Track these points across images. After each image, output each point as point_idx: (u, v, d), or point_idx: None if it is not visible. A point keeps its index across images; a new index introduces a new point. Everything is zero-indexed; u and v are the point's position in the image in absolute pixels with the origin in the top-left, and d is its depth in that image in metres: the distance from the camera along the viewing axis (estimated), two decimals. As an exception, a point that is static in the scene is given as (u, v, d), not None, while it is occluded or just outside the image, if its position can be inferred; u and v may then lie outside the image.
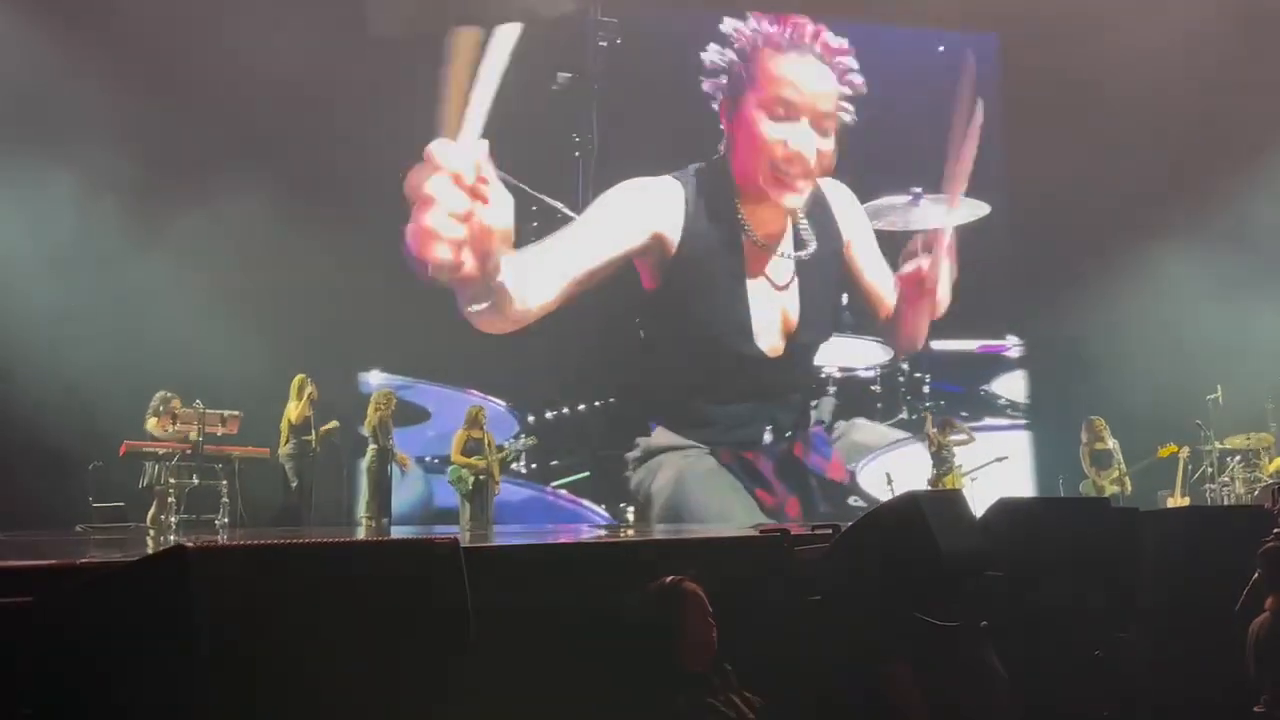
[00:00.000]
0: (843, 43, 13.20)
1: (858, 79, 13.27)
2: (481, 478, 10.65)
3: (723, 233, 12.83)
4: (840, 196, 13.36)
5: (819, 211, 13.25)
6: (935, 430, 11.93)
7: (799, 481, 12.96)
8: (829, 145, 13.05)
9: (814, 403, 13.24)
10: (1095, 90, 12.59)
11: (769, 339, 12.90)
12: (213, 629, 1.94)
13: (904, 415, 13.57)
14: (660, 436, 12.57)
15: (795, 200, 12.98)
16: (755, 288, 12.93)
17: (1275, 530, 5.11)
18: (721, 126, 13.04)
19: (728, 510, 12.37)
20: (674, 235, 12.62)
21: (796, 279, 13.08)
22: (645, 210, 12.65)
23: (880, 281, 13.44)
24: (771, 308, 12.94)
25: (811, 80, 13.12)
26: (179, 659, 1.93)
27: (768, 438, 12.87)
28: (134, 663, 2.01)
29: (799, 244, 13.12)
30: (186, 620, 1.92)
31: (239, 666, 1.97)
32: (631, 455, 12.52)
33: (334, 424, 10.39)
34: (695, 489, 12.53)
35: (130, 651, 2.02)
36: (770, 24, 13.18)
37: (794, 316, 13.04)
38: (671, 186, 12.72)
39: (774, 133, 12.92)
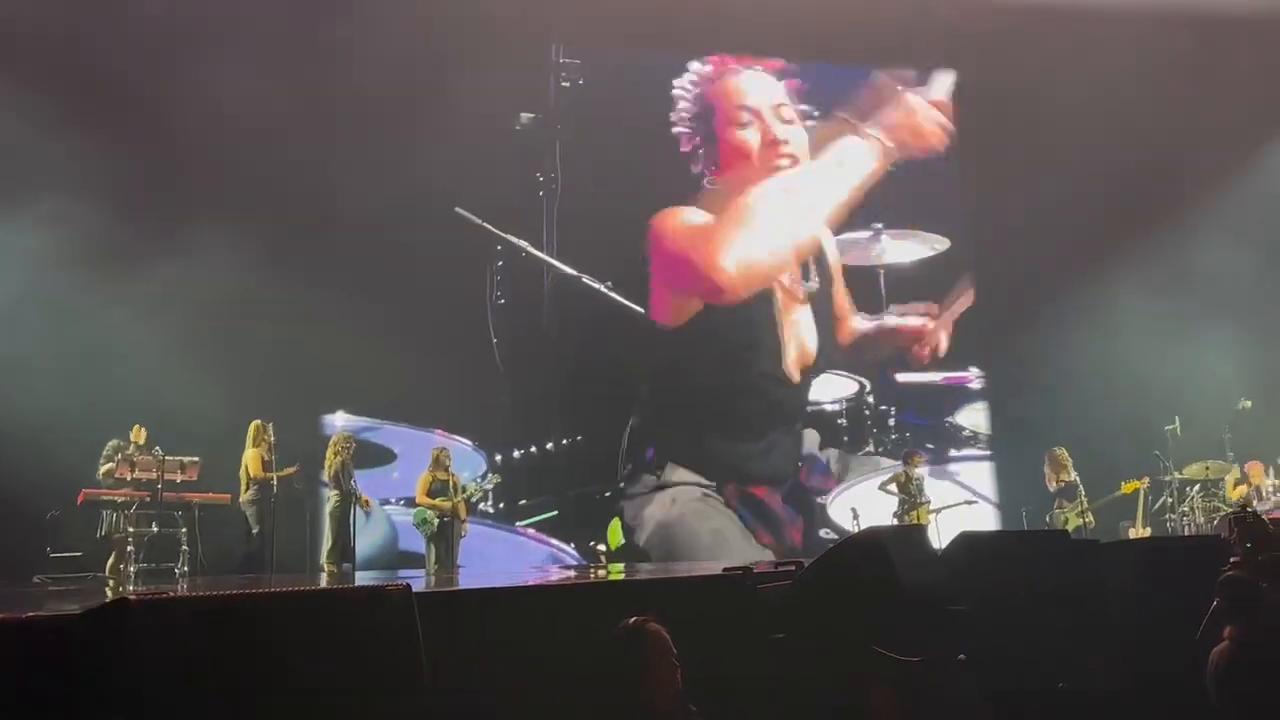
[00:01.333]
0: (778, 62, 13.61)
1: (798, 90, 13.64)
2: (447, 519, 10.56)
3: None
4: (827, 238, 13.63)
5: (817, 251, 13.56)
6: (904, 465, 11.97)
7: (807, 512, 13.02)
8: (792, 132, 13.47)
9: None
10: (1051, 128, 12.79)
11: (789, 365, 13.14)
12: (155, 682, 1.91)
13: (870, 448, 13.62)
14: (669, 472, 12.63)
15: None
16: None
17: (1232, 559, 5.17)
18: (699, 166, 13.30)
19: (726, 547, 12.36)
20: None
21: (809, 307, 13.36)
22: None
23: (847, 320, 13.66)
24: (791, 335, 13.16)
25: (758, 88, 13.63)
26: (123, 712, 1.90)
27: (774, 470, 12.98)
28: (77, 716, 1.97)
29: (807, 274, 13.40)
30: (129, 673, 1.88)
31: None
32: (634, 489, 12.56)
33: (293, 469, 10.28)
34: (692, 526, 12.58)
35: (74, 705, 1.99)
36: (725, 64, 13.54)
37: (811, 345, 13.26)
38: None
39: (750, 136, 13.22)
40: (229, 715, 2.01)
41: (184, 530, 9.35)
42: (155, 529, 9.32)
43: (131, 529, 9.13)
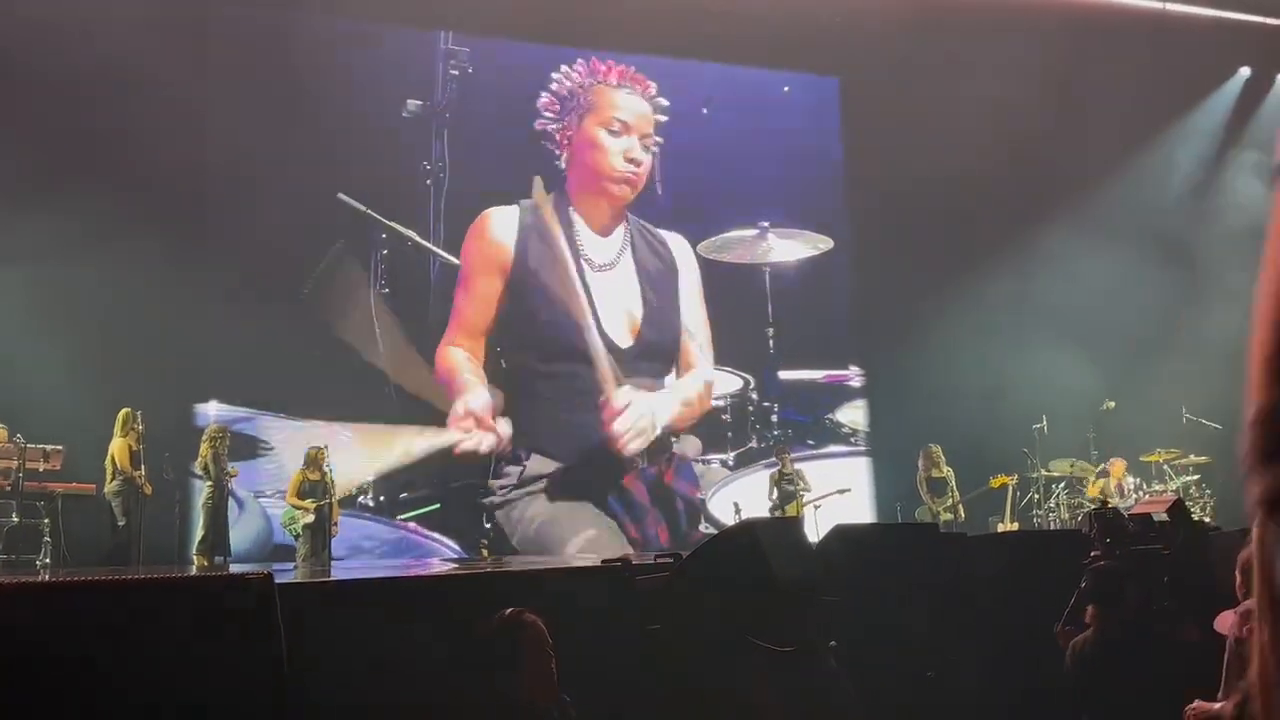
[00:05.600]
0: (652, 86, 13.62)
1: (663, 106, 13.65)
2: (316, 519, 10.27)
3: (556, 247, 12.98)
4: (681, 247, 13.67)
5: (661, 249, 13.57)
6: (778, 459, 12.16)
7: (668, 507, 13.01)
8: (648, 160, 13.44)
9: (674, 437, 13.33)
10: (930, 133, 13.13)
11: (617, 331, 13.04)
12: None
13: (753, 444, 13.79)
14: (534, 464, 12.48)
15: (628, 195, 13.32)
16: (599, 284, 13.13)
17: (1093, 553, 5.38)
18: (558, 148, 13.21)
19: (596, 545, 12.31)
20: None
21: (637, 281, 13.33)
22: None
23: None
24: (613, 301, 13.12)
25: (634, 107, 13.53)
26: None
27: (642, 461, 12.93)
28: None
29: (635, 247, 13.39)
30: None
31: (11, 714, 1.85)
32: (499, 485, 12.36)
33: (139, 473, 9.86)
34: (562, 525, 12.46)
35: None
36: (602, 68, 13.47)
37: (637, 313, 13.23)
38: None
39: (613, 144, 13.19)
40: (74, 704, 1.92)
41: (46, 521, 8.98)
42: (15, 519, 8.94)
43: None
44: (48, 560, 8.84)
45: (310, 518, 10.11)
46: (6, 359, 9.63)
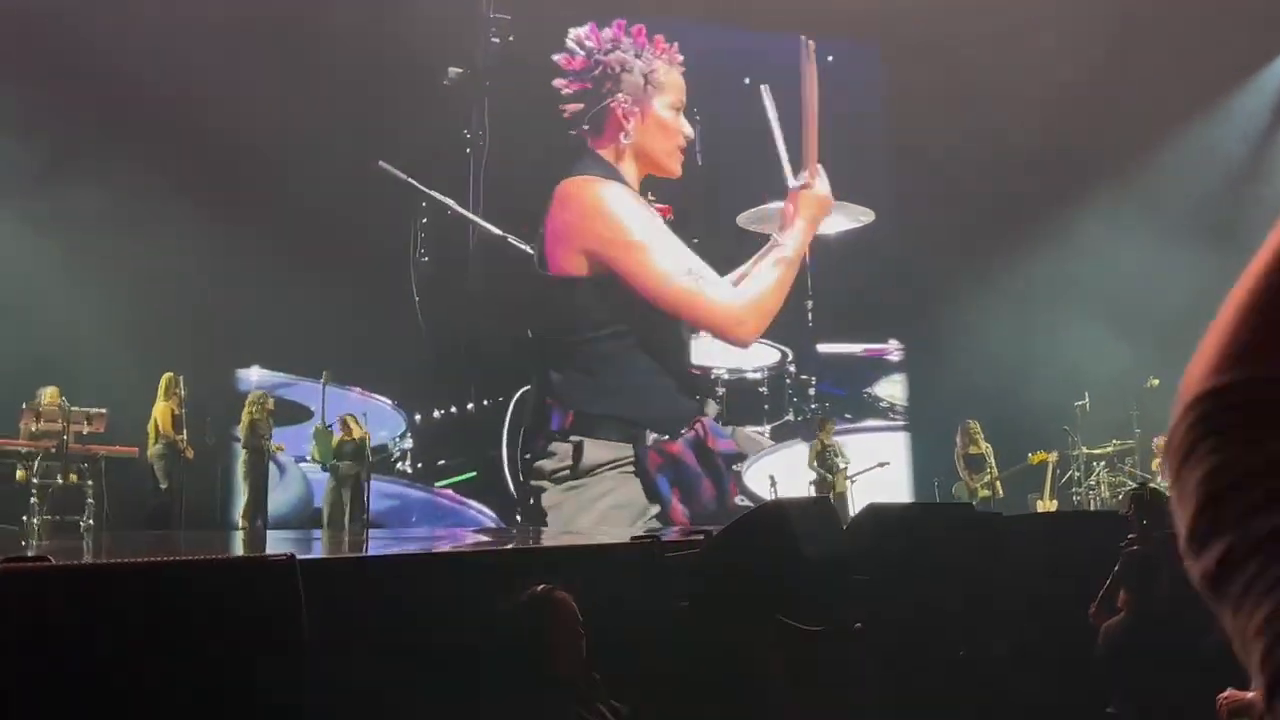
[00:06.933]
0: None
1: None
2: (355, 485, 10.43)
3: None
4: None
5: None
6: (818, 433, 12.10)
7: (714, 470, 12.99)
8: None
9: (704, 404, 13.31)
10: (976, 104, 12.94)
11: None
12: (21, 654, 1.85)
13: (790, 417, 13.75)
14: (588, 452, 12.42)
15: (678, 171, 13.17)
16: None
17: (1130, 535, 5.31)
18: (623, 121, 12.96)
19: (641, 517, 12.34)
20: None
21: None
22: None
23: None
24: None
25: (681, 83, 13.28)
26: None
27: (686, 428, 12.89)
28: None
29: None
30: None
31: (49, 695, 1.88)
32: (550, 466, 12.37)
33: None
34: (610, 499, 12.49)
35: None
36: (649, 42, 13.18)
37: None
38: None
39: (678, 122, 13.05)
40: (99, 688, 1.95)
41: (90, 483, 9.15)
42: (60, 481, 9.11)
43: (36, 481, 8.89)
44: (91, 522, 9.00)
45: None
46: (55, 323, 9.82)
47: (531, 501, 12.23)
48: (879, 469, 11.88)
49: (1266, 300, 0.85)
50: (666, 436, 12.72)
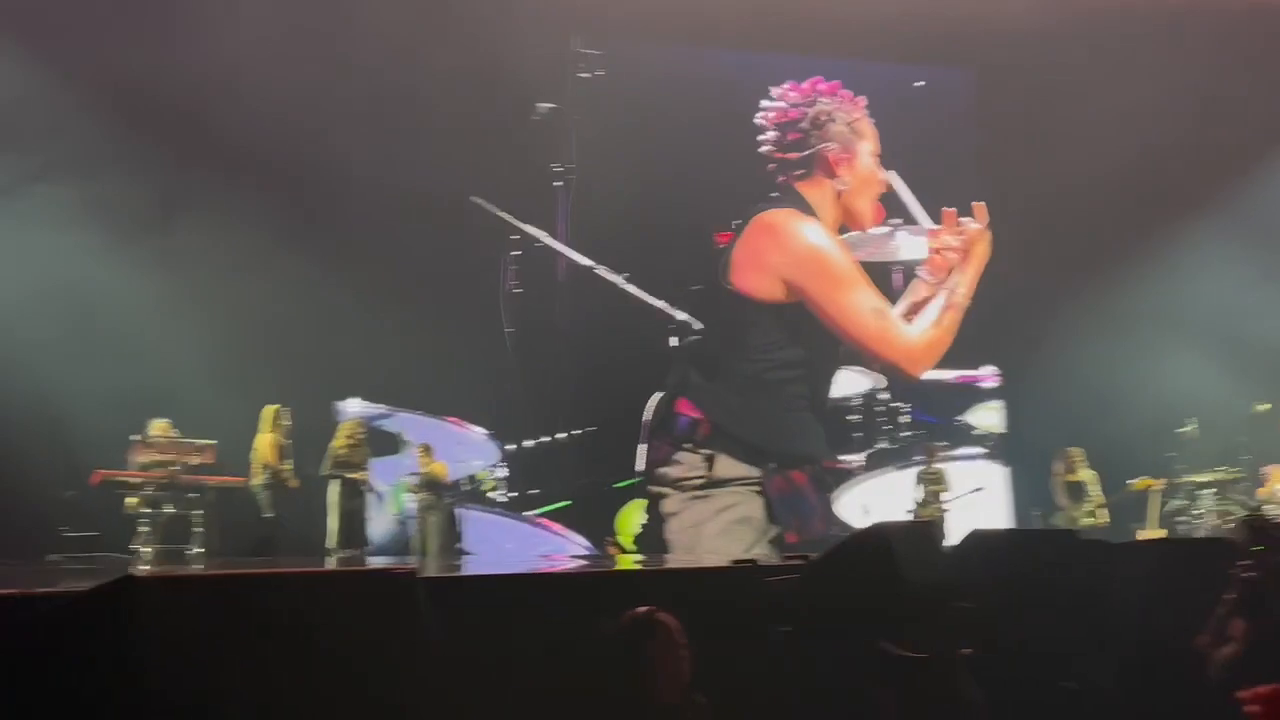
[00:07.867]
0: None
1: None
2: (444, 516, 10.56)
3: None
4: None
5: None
6: (925, 459, 11.86)
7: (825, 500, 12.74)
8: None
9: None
10: (1074, 124, 12.75)
11: None
12: (159, 661, 1.93)
13: (884, 445, 13.54)
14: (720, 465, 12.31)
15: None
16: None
17: (1240, 563, 5.16)
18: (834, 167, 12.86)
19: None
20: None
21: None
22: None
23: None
24: None
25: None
26: (126, 692, 1.92)
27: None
28: (78, 696, 1.99)
29: None
30: (132, 652, 1.90)
31: (186, 701, 1.96)
32: (675, 474, 12.29)
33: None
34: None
35: (75, 685, 2.01)
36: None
37: None
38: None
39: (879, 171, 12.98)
40: (233, 692, 2.03)
41: (198, 513, 9.42)
42: (170, 510, 9.41)
43: (147, 510, 9.20)
44: (200, 550, 9.28)
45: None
46: (165, 358, 10.19)
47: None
48: (974, 494, 11.62)
49: None
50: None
